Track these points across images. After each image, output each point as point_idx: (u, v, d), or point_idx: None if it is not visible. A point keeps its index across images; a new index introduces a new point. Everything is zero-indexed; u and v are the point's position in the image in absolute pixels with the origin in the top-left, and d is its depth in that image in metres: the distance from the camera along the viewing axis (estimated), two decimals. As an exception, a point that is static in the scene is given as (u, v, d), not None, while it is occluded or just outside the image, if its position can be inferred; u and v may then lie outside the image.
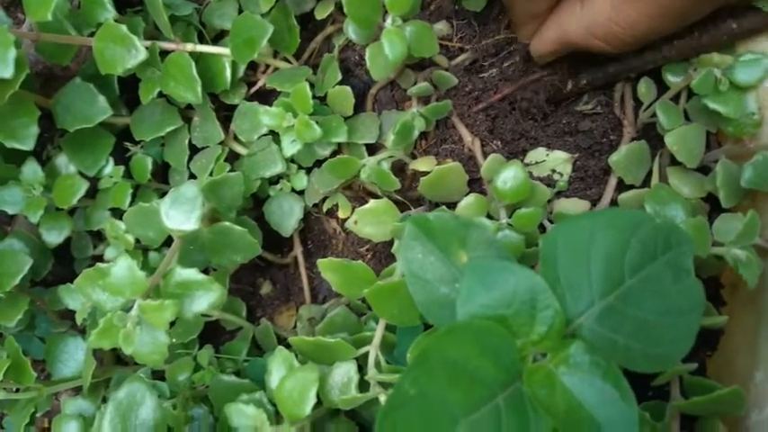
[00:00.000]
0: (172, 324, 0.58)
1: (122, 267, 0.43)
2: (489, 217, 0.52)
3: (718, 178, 0.45)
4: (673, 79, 0.49)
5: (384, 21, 0.49)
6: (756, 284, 0.42)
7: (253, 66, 0.64)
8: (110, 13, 0.57)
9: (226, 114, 0.64)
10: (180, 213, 0.48)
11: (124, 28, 0.54)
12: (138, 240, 0.56)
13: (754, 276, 0.42)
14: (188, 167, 0.63)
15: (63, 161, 0.63)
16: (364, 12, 0.47)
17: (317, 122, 0.54)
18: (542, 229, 0.51)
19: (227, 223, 0.52)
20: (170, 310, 0.42)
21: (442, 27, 0.57)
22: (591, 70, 0.51)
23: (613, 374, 0.34)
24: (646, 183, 0.51)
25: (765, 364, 0.45)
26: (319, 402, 0.47)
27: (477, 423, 0.33)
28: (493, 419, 0.33)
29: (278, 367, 0.46)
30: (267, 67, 0.63)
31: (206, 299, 0.45)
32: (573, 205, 0.52)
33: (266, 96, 0.63)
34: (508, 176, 0.47)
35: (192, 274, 0.45)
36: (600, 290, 0.36)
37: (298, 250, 0.64)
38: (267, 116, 0.53)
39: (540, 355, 0.36)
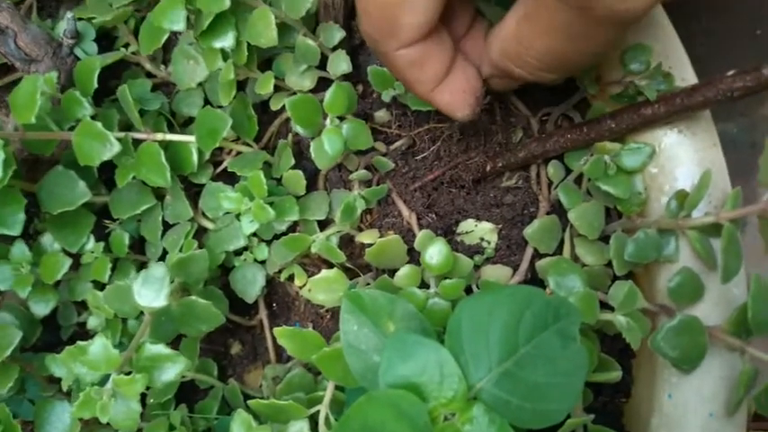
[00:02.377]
0: (149, 387, 0.65)
1: (98, 346, 0.50)
2: (425, 284, 0.59)
3: (611, 250, 0.53)
4: (573, 164, 0.56)
5: (325, 120, 0.56)
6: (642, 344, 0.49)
7: (219, 147, 0.71)
8: (87, 110, 0.64)
9: (196, 191, 0.71)
10: (150, 292, 0.55)
11: (99, 125, 0.61)
12: (118, 310, 0.63)
13: (636, 340, 0.49)
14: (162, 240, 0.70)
15: (48, 240, 0.69)
16: (306, 114, 0.55)
17: (272, 203, 0.61)
18: (470, 292, 0.58)
19: (193, 297, 0.59)
20: (140, 383, 0.49)
21: (382, 114, 0.65)
22: (506, 155, 0.59)
23: (505, 430, 0.41)
24: (559, 250, 0.59)
25: (659, 412, 0.52)
26: (276, 458, 0.54)
27: (392, 478, 0.39)
28: (406, 474, 0.40)
29: (237, 428, 0.52)
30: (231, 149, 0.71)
31: (173, 370, 0.52)
32: (497, 271, 0.59)
33: (232, 174, 0.70)
34: (434, 252, 0.54)
35: (160, 348, 0.52)
36: (497, 357, 0.43)
37: (263, 313, 0.71)
38: (227, 201, 0.60)
39: (451, 415, 0.43)
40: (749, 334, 0.48)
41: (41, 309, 0.69)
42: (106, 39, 0.75)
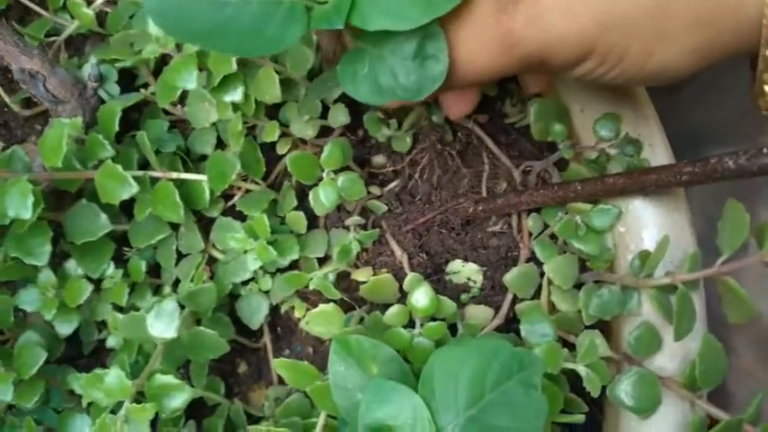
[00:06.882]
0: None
1: (113, 376, 0.56)
2: (413, 321, 0.63)
3: (580, 302, 0.57)
4: (550, 219, 0.61)
5: (322, 172, 0.61)
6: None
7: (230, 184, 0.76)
8: (108, 152, 0.69)
9: (208, 221, 0.76)
10: (162, 324, 0.61)
11: (119, 168, 0.67)
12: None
13: (596, 388, 0.54)
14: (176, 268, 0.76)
15: (72, 265, 0.76)
16: (305, 168, 0.61)
17: (276, 240, 0.66)
18: (453, 330, 0.63)
19: (201, 328, 0.64)
20: (150, 411, 0.55)
21: (379, 159, 0.70)
22: (488, 202, 0.64)
23: (469, 471, 0.46)
24: (537, 294, 0.63)
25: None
26: (272, 478, 0.60)
27: None
28: (378, 507, 0.45)
29: (237, 452, 0.58)
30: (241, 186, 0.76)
31: (180, 398, 0.58)
32: (480, 312, 0.64)
33: (241, 207, 0.75)
34: (419, 296, 0.59)
35: (170, 379, 0.58)
36: (464, 404, 0.48)
37: (267, 337, 0.76)
38: (234, 241, 0.66)
39: (422, 455, 0.48)
40: (699, 387, 0.52)
41: (65, 329, 0.75)
42: (128, 76, 0.81)
